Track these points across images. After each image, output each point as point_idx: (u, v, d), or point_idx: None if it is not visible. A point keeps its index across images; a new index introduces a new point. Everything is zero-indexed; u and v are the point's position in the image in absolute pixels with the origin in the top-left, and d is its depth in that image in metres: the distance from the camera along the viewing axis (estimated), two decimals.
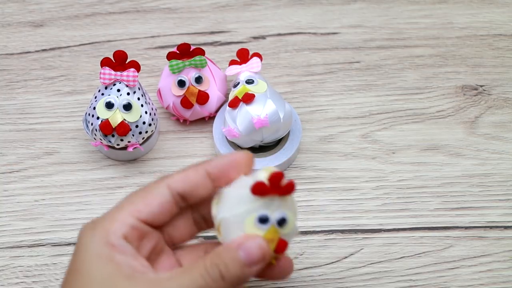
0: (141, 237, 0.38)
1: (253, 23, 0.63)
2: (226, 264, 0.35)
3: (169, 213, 0.39)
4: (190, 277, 0.35)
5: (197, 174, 0.38)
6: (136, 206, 0.37)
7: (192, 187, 0.38)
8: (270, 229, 0.37)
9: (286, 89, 0.58)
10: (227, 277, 0.35)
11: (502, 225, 0.50)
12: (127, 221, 0.37)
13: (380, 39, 0.62)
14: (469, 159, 0.53)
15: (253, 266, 0.36)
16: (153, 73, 0.59)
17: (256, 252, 0.36)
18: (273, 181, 0.36)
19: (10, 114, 0.57)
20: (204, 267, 0.35)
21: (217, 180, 0.39)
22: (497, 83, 0.58)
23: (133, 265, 0.36)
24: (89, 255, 0.36)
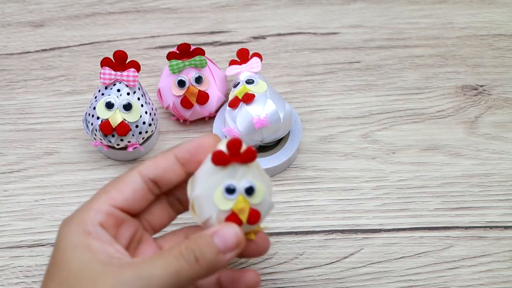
0: (117, 224, 0.38)
1: (253, 23, 0.63)
2: (201, 250, 0.36)
3: (144, 199, 0.39)
4: (164, 260, 0.36)
5: (166, 159, 0.39)
6: (110, 194, 0.38)
7: (162, 172, 0.39)
8: (239, 199, 0.37)
9: (286, 89, 0.58)
10: (201, 261, 0.36)
11: (502, 225, 0.50)
12: (102, 209, 0.38)
13: (380, 39, 0.62)
14: (469, 159, 0.53)
15: (228, 253, 0.36)
16: (153, 73, 0.59)
17: (231, 239, 0.36)
18: (231, 148, 0.37)
19: (10, 114, 0.57)
20: (179, 251, 0.36)
21: (186, 164, 0.39)
22: (497, 83, 0.58)
23: (109, 251, 0.36)
24: (67, 245, 0.36)
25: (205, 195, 0.38)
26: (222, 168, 0.37)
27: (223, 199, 0.37)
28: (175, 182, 0.40)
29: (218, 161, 0.37)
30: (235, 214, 0.37)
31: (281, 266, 0.48)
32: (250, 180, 0.37)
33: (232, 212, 0.37)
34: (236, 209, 0.37)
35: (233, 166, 0.37)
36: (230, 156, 0.37)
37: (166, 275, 0.35)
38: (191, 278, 0.36)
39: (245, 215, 0.37)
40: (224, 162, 0.37)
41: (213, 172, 0.38)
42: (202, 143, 0.39)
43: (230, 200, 0.37)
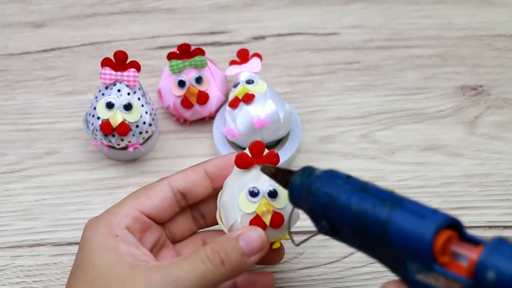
0: (143, 229, 0.39)
1: (253, 24, 0.63)
2: (227, 252, 0.36)
3: (170, 209, 0.41)
4: (191, 262, 0.36)
5: (196, 173, 0.41)
6: (139, 200, 0.39)
7: (191, 185, 0.40)
8: (262, 202, 0.38)
9: (286, 89, 0.58)
10: (227, 263, 0.36)
11: (501, 225, 0.50)
12: (130, 213, 0.39)
13: (380, 39, 0.62)
14: (468, 159, 0.54)
15: (252, 256, 0.37)
16: (153, 73, 0.59)
17: (256, 241, 0.37)
18: (253, 150, 0.38)
19: (11, 114, 0.57)
20: (205, 254, 0.36)
21: (215, 179, 0.41)
22: (497, 83, 0.59)
23: (135, 254, 0.37)
24: (94, 247, 0.37)
25: (230, 200, 0.39)
26: (246, 172, 0.38)
27: (247, 202, 0.38)
28: (202, 195, 0.41)
29: (241, 163, 0.38)
30: (259, 218, 0.38)
31: (281, 266, 0.48)
32: (273, 184, 0.38)
33: (256, 216, 0.38)
34: (259, 211, 0.38)
35: (257, 170, 0.38)
36: (253, 158, 0.38)
37: (193, 278, 0.35)
38: (217, 281, 0.36)
39: (268, 217, 0.38)
40: (247, 165, 0.38)
41: (238, 177, 0.39)
42: (232, 159, 0.40)
43: (254, 203, 0.38)
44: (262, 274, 0.43)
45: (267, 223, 0.38)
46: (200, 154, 0.54)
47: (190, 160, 0.53)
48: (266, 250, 0.38)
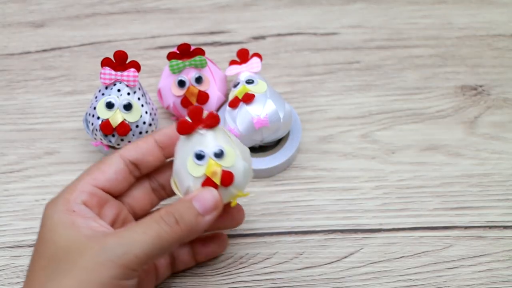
0: (101, 204, 0.40)
1: (253, 23, 0.63)
2: (181, 212, 0.37)
3: (125, 180, 0.42)
4: (145, 224, 0.37)
5: (147, 143, 0.42)
6: (93, 175, 0.40)
7: (142, 155, 0.42)
8: (210, 163, 0.39)
9: (286, 89, 0.58)
10: (182, 223, 0.37)
11: (501, 225, 0.50)
12: (85, 189, 0.40)
13: (380, 39, 0.62)
14: (468, 159, 0.54)
15: (207, 215, 0.38)
16: (153, 73, 0.59)
17: (209, 201, 0.38)
18: (192, 115, 0.39)
19: (10, 114, 0.57)
20: (159, 215, 0.37)
21: (166, 148, 0.42)
22: (497, 83, 0.59)
23: (93, 226, 0.38)
24: (52, 223, 0.38)
25: (180, 167, 0.40)
26: (190, 137, 0.39)
27: (195, 166, 0.39)
28: (154, 164, 0.42)
29: (182, 129, 0.39)
30: (209, 179, 0.39)
31: (281, 266, 0.48)
32: (219, 144, 0.39)
33: (206, 178, 0.39)
34: (208, 173, 0.39)
35: (201, 134, 0.39)
36: (193, 123, 0.39)
37: (147, 239, 0.36)
38: (172, 241, 0.37)
39: (218, 177, 0.39)
40: (188, 130, 0.39)
41: (183, 143, 0.39)
42: None
43: (202, 165, 0.39)
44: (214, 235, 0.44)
45: (218, 183, 0.39)
46: None
47: None
48: (221, 209, 0.39)
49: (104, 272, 0.35)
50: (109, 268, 0.35)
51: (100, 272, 0.35)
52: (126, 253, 0.36)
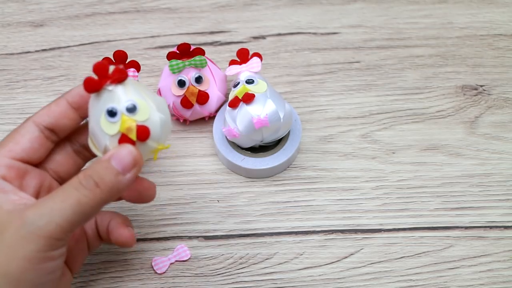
0: (20, 175, 0.39)
1: (253, 23, 0.63)
2: (99, 174, 0.36)
3: (42, 147, 0.40)
4: (64, 192, 0.36)
5: (59, 106, 0.40)
6: (7, 147, 0.39)
7: (56, 119, 0.40)
8: (123, 119, 0.37)
9: (286, 89, 0.58)
10: (102, 185, 0.36)
11: (502, 225, 0.50)
12: (2, 162, 0.38)
13: (380, 39, 0.62)
14: (469, 159, 0.53)
15: (127, 173, 0.37)
16: (153, 73, 0.59)
17: (127, 158, 0.37)
18: (98, 71, 0.37)
19: (10, 114, 0.57)
20: (78, 180, 0.36)
21: (80, 109, 0.40)
22: (497, 83, 0.58)
23: (13, 199, 0.37)
24: None
25: (95, 126, 0.38)
26: (100, 95, 0.38)
27: (108, 124, 0.38)
28: (70, 126, 0.41)
29: (90, 87, 0.37)
30: (125, 136, 0.37)
31: (281, 266, 0.48)
32: (130, 98, 0.38)
33: (122, 134, 0.37)
34: (123, 129, 0.37)
35: (109, 90, 0.37)
36: (100, 79, 0.37)
37: (68, 206, 0.35)
38: (94, 205, 0.36)
39: (133, 133, 0.37)
40: (96, 87, 0.37)
41: (95, 102, 0.38)
42: None
43: (115, 122, 0.38)
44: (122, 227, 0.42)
45: (134, 139, 0.37)
46: (200, 154, 0.54)
47: (190, 160, 0.53)
48: (141, 165, 0.38)
49: (28, 246, 0.35)
50: (32, 241, 0.35)
51: (24, 247, 0.35)
52: (48, 224, 0.35)
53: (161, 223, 0.50)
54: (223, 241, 0.49)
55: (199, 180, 0.52)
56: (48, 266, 0.36)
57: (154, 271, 0.47)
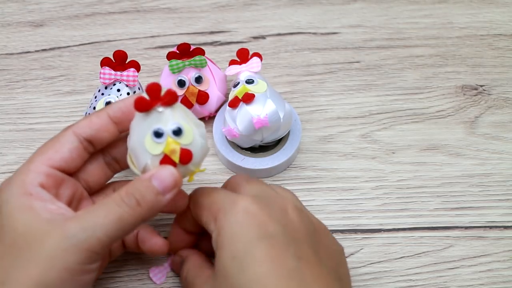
0: (57, 184, 0.40)
1: (253, 23, 0.63)
2: (141, 192, 0.37)
3: (80, 158, 0.41)
4: (106, 207, 0.37)
5: (100, 118, 0.41)
6: (47, 154, 0.40)
7: (96, 131, 0.41)
8: (168, 141, 0.38)
9: (286, 89, 0.58)
10: (143, 203, 0.37)
11: (501, 225, 0.50)
12: (41, 170, 0.39)
13: (380, 39, 0.62)
14: (469, 159, 0.53)
15: (167, 194, 0.38)
16: (153, 73, 0.59)
17: (168, 179, 0.38)
18: (150, 92, 0.38)
19: (9, 114, 0.57)
20: (120, 197, 0.37)
21: (120, 123, 0.41)
22: (497, 83, 0.58)
23: (51, 208, 0.37)
24: (10, 208, 0.37)
25: (137, 144, 0.39)
26: (147, 114, 0.38)
27: (153, 144, 0.38)
28: (108, 140, 0.42)
29: (140, 106, 0.38)
30: (168, 157, 0.38)
31: None
32: (177, 121, 0.38)
33: (164, 155, 0.38)
34: (167, 151, 0.38)
35: (159, 111, 0.38)
36: (151, 100, 0.38)
37: (110, 222, 0.36)
38: (134, 222, 0.37)
39: (176, 155, 0.38)
40: (146, 107, 0.38)
41: (141, 120, 0.39)
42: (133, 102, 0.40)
43: (160, 143, 0.38)
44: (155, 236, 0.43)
45: (176, 161, 0.38)
46: None
47: None
48: (180, 187, 0.39)
49: (69, 258, 0.35)
50: (73, 253, 0.35)
51: (65, 258, 0.35)
52: (89, 237, 0.35)
53: (161, 223, 0.50)
54: None
55: (199, 180, 0.52)
56: (85, 278, 0.37)
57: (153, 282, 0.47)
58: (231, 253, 0.37)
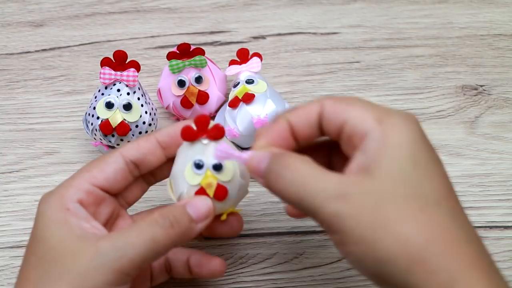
0: (97, 202, 0.40)
1: (253, 23, 0.63)
2: (175, 216, 0.37)
3: (124, 180, 0.41)
4: (139, 228, 0.36)
5: (148, 142, 0.41)
6: (92, 172, 0.40)
7: (144, 155, 0.41)
8: (207, 174, 0.38)
9: (286, 89, 0.58)
10: (176, 227, 0.37)
11: (502, 225, 0.50)
12: (83, 186, 0.39)
13: (380, 39, 0.62)
14: (469, 159, 0.53)
15: (200, 222, 0.38)
16: (153, 73, 0.59)
17: (203, 208, 0.38)
18: (198, 124, 0.38)
19: (10, 114, 0.57)
20: (154, 218, 0.37)
21: (167, 148, 0.41)
22: (497, 83, 0.59)
23: (85, 226, 0.37)
24: (45, 220, 0.37)
25: (178, 172, 0.39)
26: (192, 144, 0.39)
27: (192, 174, 0.39)
28: (155, 164, 0.41)
29: (186, 135, 0.39)
30: (203, 189, 0.39)
31: (281, 266, 0.48)
32: None
33: (200, 187, 0.39)
34: (203, 183, 0.39)
35: (204, 143, 0.39)
36: (198, 131, 0.38)
37: (142, 242, 0.36)
38: (166, 244, 0.37)
39: (212, 189, 0.39)
40: (192, 137, 0.38)
41: (186, 149, 0.39)
42: None
43: (199, 175, 0.39)
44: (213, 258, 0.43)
45: (211, 195, 0.39)
46: None
47: None
48: (212, 219, 0.39)
49: (98, 278, 0.35)
50: (103, 273, 0.35)
51: (94, 278, 0.35)
52: (121, 257, 0.35)
53: None
54: (223, 241, 0.49)
55: None
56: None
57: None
58: (413, 158, 0.33)
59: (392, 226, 0.32)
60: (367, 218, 0.32)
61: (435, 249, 0.31)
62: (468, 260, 0.32)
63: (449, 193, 0.34)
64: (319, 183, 0.33)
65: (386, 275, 0.32)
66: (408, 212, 0.32)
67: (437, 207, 0.33)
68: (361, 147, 0.34)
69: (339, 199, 0.32)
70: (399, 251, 0.31)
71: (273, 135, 0.37)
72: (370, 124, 0.35)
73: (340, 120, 0.36)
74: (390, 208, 0.32)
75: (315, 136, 0.38)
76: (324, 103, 0.36)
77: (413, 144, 0.34)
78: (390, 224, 0.32)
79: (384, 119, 0.35)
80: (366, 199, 0.32)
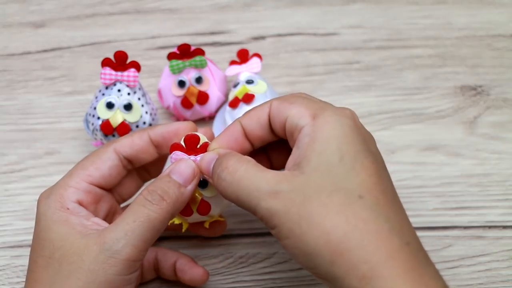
0: (96, 200, 0.41)
1: (253, 24, 0.64)
2: (163, 188, 0.37)
3: (119, 175, 0.42)
4: (132, 211, 0.37)
5: (142, 140, 0.42)
6: (88, 170, 0.40)
7: (137, 152, 0.42)
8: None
9: (286, 90, 0.58)
10: (167, 198, 0.37)
11: (501, 225, 0.50)
12: (80, 186, 0.40)
13: (380, 39, 0.62)
14: (468, 159, 0.54)
15: (188, 185, 0.38)
16: (153, 73, 0.59)
17: (187, 170, 0.38)
18: (188, 143, 0.39)
19: (11, 114, 0.57)
20: (143, 198, 0.37)
21: (160, 147, 0.42)
22: (496, 84, 0.59)
23: (86, 224, 0.38)
24: (47, 221, 0.38)
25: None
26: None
27: None
28: (147, 161, 0.43)
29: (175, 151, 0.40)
30: (188, 205, 0.40)
31: (281, 266, 0.48)
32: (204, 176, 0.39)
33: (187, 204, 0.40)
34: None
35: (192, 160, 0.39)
36: (187, 150, 0.39)
37: (140, 225, 0.36)
38: (163, 218, 0.37)
39: (195, 205, 0.40)
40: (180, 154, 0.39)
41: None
42: (177, 130, 0.42)
43: None
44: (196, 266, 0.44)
45: (193, 211, 0.40)
46: None
47: None
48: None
49: (109, 270, 0.36)
50: (112, 265, 0.36)
51: (105, 271, 0.35)
52: (124, 246, 0.36)
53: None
54: (223, 240, 0.49)
55: None
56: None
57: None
58: (339, 152, 0.34)
59: (316, 220, 0.33)
60: (295, 213, 0.33)
61: (354, 241, 0.32)
62: (388, 252, 0.32)
63: (375, 186, 0.34)
64: (254, 183, 0.35)
65: (315, 268, 0.33)
66: (331, 206, 0.33)
67: (359, 200, 0.33)
68: (297, 142, 0.36)
69: (271, 196, 0.34)
70: (323, 244, 0.32)
71: (227, 138, 0.39)
72: (305, 120, 0.36)
73: (282, 118, 0.37)
74: (315, 203, 0.33)
75: (268, 137, 0.39)
76: (271, 103, 0.38)
77: (342, 139, 0.35)
78: (315, 219, 0.33)
79: (319, 115, 0.36)
80: (295, 194, 0.34)
